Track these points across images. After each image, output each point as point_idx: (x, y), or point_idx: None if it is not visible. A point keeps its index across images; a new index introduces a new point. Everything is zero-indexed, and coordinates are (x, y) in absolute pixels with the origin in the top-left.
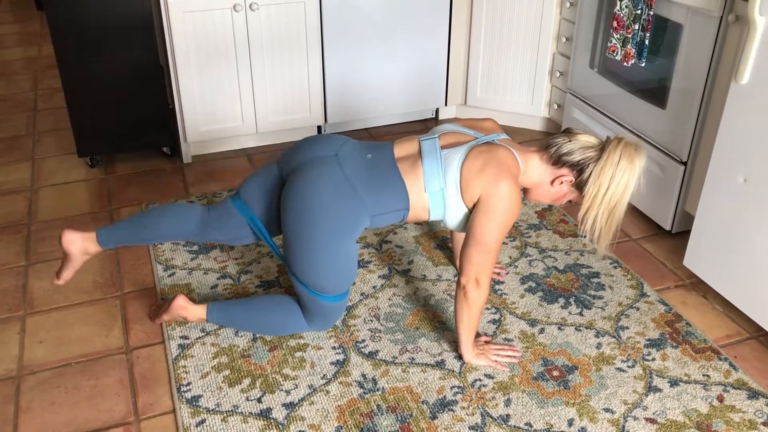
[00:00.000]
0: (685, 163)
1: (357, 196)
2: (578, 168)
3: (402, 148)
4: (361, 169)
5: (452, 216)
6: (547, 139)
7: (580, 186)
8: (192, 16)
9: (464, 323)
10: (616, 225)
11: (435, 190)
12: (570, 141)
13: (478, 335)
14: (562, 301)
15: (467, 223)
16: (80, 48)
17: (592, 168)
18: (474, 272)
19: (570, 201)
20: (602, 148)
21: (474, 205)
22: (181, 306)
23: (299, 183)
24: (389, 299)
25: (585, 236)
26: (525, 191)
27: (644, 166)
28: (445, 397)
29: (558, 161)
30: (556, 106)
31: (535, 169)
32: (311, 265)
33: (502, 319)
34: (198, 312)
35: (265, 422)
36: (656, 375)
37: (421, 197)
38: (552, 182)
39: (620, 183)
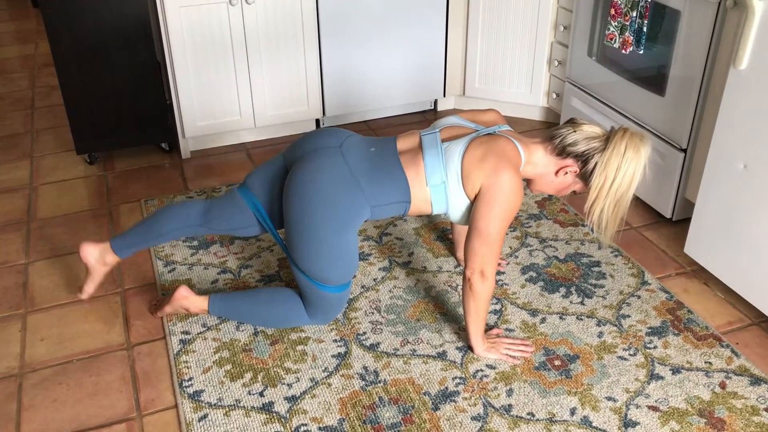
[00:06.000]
0: (684, 151)
1: (358, 186)
2: (583, 158)
3: (404, 142)
4: (363, 161)
5: (455, 209)
6: (552, 130)
7: (584, 176)
8: (188, 11)
9: (472, 316)
10: (622, 215)
11: (436, 183)
12: (574, 131)
13: (490, 328)
14: (563, 290)
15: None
16: (77, 45)
17: (597, 158)
18: (478, 264)
19: (574, 191)
20: (607, 138)
21: (476, 197)
22: (184, 296)
23: (302, 171)
24: (390, 291)
25: (591, 228)
26: (529, 182)
27: (650, 156)
28: (447, 388)
29: (562, 152)
30: (554, 96)
31: (539, 159)
32: (313, 255)
33: (503, 309)
34: (200, 303)
35: (268, 416)
36: (658, 363)
37: (422, 190)
38: (556, 173)
39: (627, 173)
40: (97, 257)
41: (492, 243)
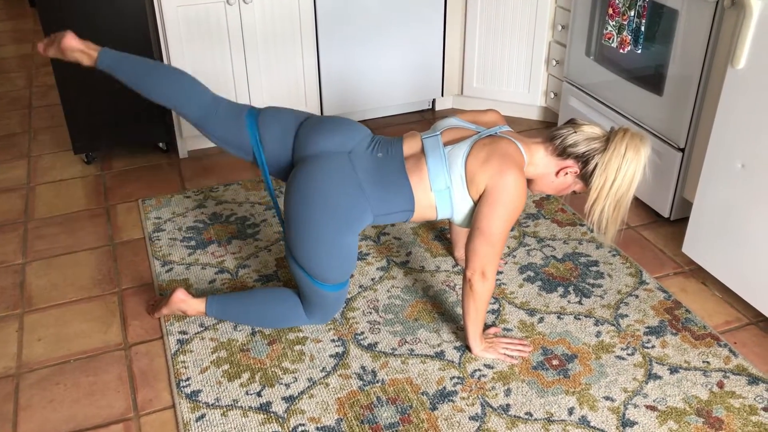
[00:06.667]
0: (682, 150)
1: (363, 194)
2: (583, 159)
3: (408, 146)
4: (370, 168)
5: (460, 213)
6: (552, 131)
7: (585, 177)
8: (185, 11)
9: (471, 316)
10: (622, 216)
11: (441, 188)
12: (575, 132)
13: (488, 327)
14: (561, 290)
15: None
16: None
17: (597, 159)
18: (479, 264)
19: (574, 192)
20: (607, 139)
21: (479, 197)
22: (181, 299)
23: (308, 174)
24: (388, 291)
25: (591, 228)
26: (529, 182)
27: (649, 157)
28: (444, 387)
29: (563, 152)
30: (552, 95)
31: (540, 160)
32: (312, 253)
33: (501, 309)
34: (197, 305)
35: (265, 416)
36: (656, 362)
37: (427, 196)
38: (557, 173)
39: (627, 174)
40: (78, 54)
41: (494, 243)
